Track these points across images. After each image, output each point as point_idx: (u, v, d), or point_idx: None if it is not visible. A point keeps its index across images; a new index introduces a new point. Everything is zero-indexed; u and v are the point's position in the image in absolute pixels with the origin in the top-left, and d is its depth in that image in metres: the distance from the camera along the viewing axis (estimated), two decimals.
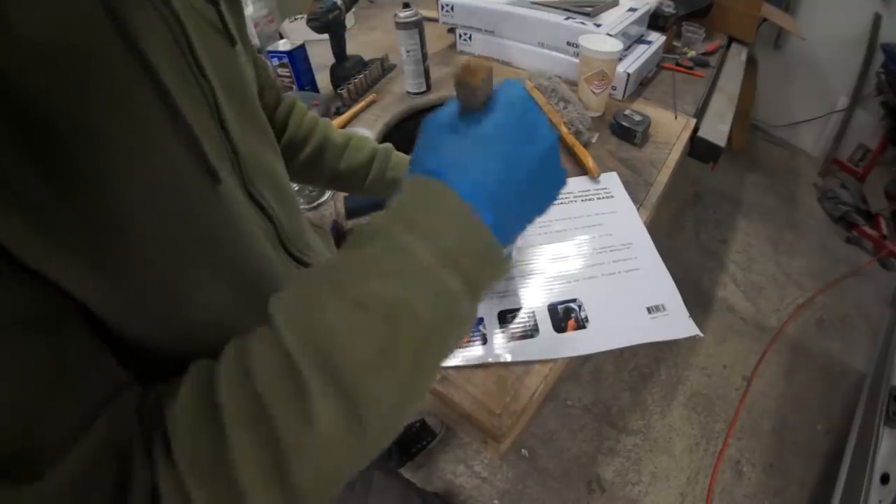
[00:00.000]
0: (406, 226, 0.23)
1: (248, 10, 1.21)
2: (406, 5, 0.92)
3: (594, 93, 0.90)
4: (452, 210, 0.24)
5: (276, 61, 0.98)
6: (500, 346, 0.55)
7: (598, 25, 0.94)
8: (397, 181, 0.60)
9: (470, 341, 0.56)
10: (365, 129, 0.88)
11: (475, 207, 0.24)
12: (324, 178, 0.60)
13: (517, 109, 0.27)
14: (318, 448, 0.21)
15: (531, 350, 0.55)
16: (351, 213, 0.71)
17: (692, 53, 1.14)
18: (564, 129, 0.84)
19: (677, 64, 1.10)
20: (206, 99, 0.29)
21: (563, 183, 0.29)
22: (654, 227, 0.70)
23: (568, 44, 0.97)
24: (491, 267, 0.25)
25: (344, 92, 0.98)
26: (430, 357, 0.24)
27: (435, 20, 1.15)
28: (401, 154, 0.63)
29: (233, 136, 0.32)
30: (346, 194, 0.72)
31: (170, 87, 0.23)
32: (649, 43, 1.04)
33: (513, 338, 0.56)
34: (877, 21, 1.83)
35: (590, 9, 0.98)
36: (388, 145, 0.62)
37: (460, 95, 0.27)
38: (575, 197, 0.74)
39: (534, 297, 0.60)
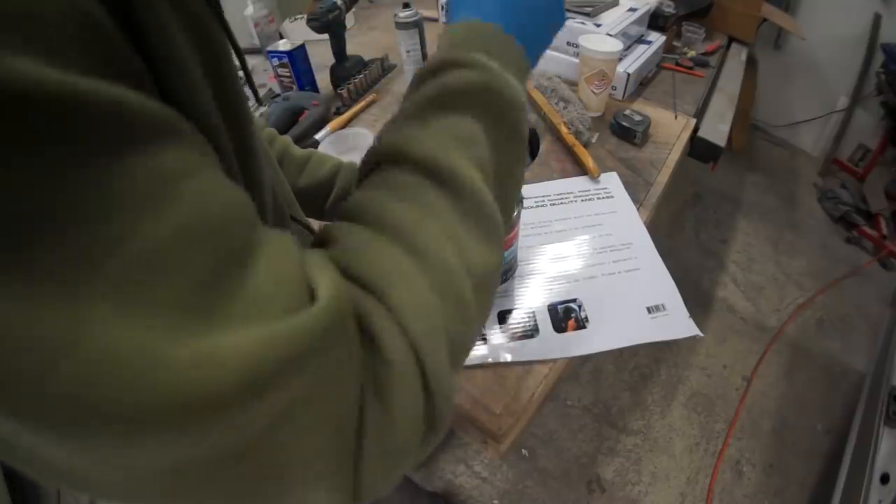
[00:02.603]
0: (477, 52, 0.27)
1: (248, 10, 1.21)
2: (406, 5, 0.92)
3: (594, 93, 0.90)
4: (495, 35, 0.29)
5: (276, 61, 0.98)
6: (500, 346, 0.55)
7: (598, 25, 0.94)
8: None
9: None
10: (365, 129, 0.88)
11: (512, 37, 0.29)
12: None
13: None
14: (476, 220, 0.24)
15: (531, 350, 0.55)
16: None
17: (692, 53, 1.14)
18: (564, 129, 0.84)
19: (677, 64, 1.10)
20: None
21: (563, 18, 0.36)
22: (654, 227, 0.70)
23: (568, 44, 0.97)
24: (526, 68, 0.31)
25: (344, 92, 0.98)
26: (518, 120, 0.28)
27: (435, 20, 1.15)
28: None
29: None
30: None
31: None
32: (649, 43, 1.04)
33: (513, 338, 0.56)
34: (877, 21, 1.83)
35: (590, 9, 0.98)
36: (354, 162, 0.58)
37: None
38: (575, 197, 0.75)
39: (534, 297, 0.60)
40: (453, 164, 0.23)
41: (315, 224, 0.45)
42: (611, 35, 0.90)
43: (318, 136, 0.89)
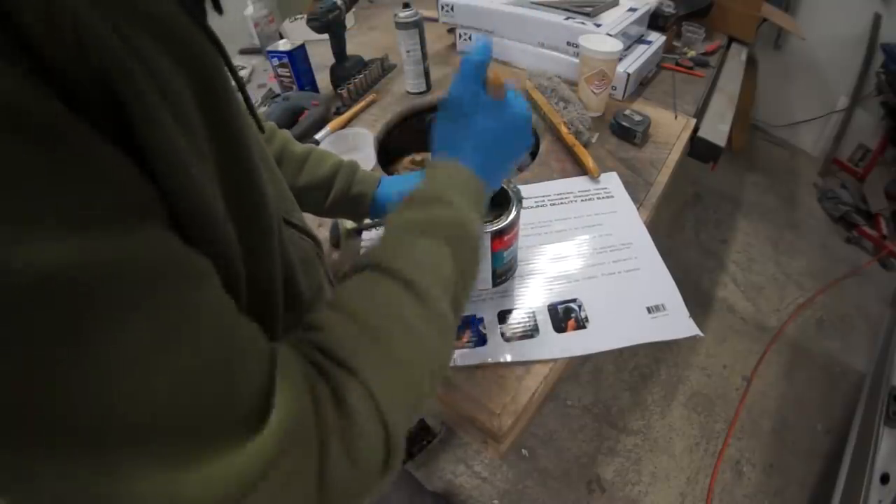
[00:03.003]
0: (453, 193, 0.36)
1: (248, 10, 1.21)
2: (406, 5, 0.92)
3: (594, 93, 0.90)
4: (468, 179, 0.38)
5: (276, 61, 0.98)
6: (500, 346, 0.55)
7: (598, 25, 0.94)
8: (364, 196, 0.57)
9: (470, 341, 0.56)
10: (365, 129, 0.88)
11: (480, 175, 0.39)
12: None
13: (514, 120, 0.42)
14: (443, 329, 0.31)
15: (531, 350, 0.55)
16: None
17: (692, 53, 1.14)
18: (564, 129, 0.84)
19: (677, 64, 1.10)
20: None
21: (528, 148, 0.46)
22: (654, 227, 0.70)
23: (568, 44, 0.97)
24: (484, 206, 0.40)
25: (344, 92, 0.98)
26: (477, 250, 0.36)
27: (435, 20, 1.15)
28: (367, 172, 0.59)
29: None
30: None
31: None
32: (649, 43, 1.04)
33: (513, 338, 0.56)
34: (877, 21, 1.83)
35: (590, 9, 0.98)
36: (354, 161, 0.59)
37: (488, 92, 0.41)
38: (575, 197, 0.74)
39: (534, 297, 0.60)
40: (425, 282, 0.30)
41: (314, 223, 0.45)
42: (611, 35, 0.90)
43: (317, 136, 0.89)
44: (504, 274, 0.60)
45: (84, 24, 0.16)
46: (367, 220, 0.64)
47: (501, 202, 0.54)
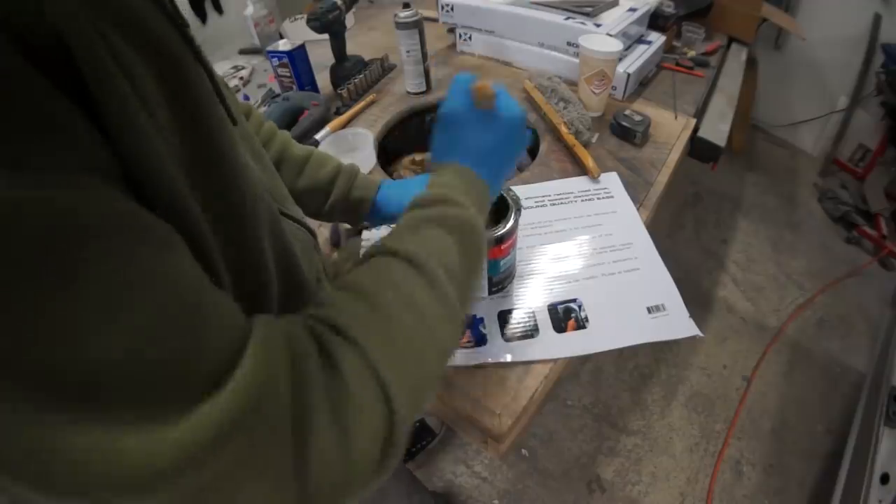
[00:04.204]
0: (459, 194, 0.37)
1: (248, 10, 1.21)
2: (406, 5, 0.92)
3: (594, 93, 0.90)
4: (472, 181, 0.40)
5: (276, 61, 0.98)
6: (500, 346, 0.55)
7: (598, 25, 0.94)
8: (364, 201, 0.57)
9: (470, 341, 0.56)
10: (365, 129, 0.88)
11: (482, 178, 0.41)
12: None
13: (507, 125, 0.43)
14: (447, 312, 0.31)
15: (531, 350, 0.55)
16: None
17: (692, 53, 1.14)
18: (564, 129, 0.84)
19: (677, 64, 1.10)
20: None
21: (524, 147, 0.48)
22: (654, 227, 0.70)
23: (568, 44, 0.97)
24: (488, 206, 0.42)
25: (344, 92, 0.98)
26: (482, 248, 0.38)
27: (435, 20, 1.15)
28: (367, 176, 0.59)
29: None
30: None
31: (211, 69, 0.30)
32: (649, 43, 1.04)
33: (513, 338, 0.56)
34: (877, 21, 1.83)
35: (590, 9, 0.98)
36: (354, 164, 0.59)
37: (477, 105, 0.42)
38: (575, 197, 0.74)
39: (534, 297, 0.60)
40: (432, 263, 0.31)
41: (311, 224, 0.46)
42: (611, 35, 0.90)
43: (318, 137, 0.89)
44: (501, 283, 0.59)
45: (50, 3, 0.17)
46: (367, 223, 0.64)
47: (500, 209, 0.53)
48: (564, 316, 0.58)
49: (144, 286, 0.19)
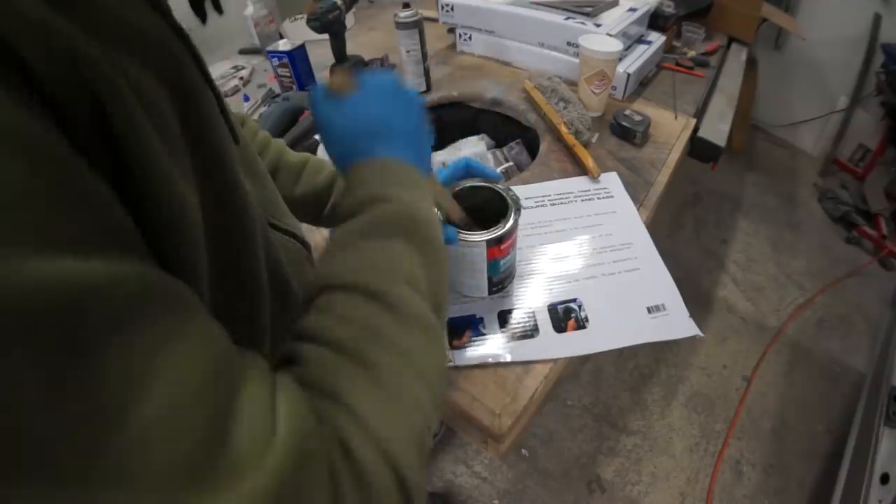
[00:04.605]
0: (382, 186, 0.34)
1: (248, 10, 1.21)
2: (406, 5, 0.92)
3: (594, 93, 0.90)
4: (388, 167, 0.36)
5: (276, 61, 0.98)
6: (500, 346, 0.55)
7: (598, 25, 0.94)
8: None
9: (470, 341, 0.56)
10: None
11: (404, 161, 0.37)
12: None
13: (378, 95, 0.39)
14: (431, 340, 0.28)
15: (531, 350, 0.55)
16: None
17: (692, 53, 1.14)
18: (564, 129, 0.84)
19: (677, 64, 1.10)
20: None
21: (415, 100, 0.41)
22: (654, 227, 0.70)
23: (568, 44, 0.97)
24: (427, 185, 0.38)
25: None
26: (432, 233, 0.34)
27: (435, 20, 1.15)
28: None
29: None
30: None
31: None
32: (649, 43, 1.03)
33: (513, 338, 0.56)
34: (877, 21, 1.83)
35: (590, 9, 0.98)
36: None
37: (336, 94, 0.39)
38: (575, 197, 0.74)
39: (534, 297, 0.60)
40: (385, 285, 0.27)
41: (307, 228, 0.45)
42: (611, 35, 0.90)
43: (317, 137, 0.89)
44: (501, 283, 0.59)
45: (82, 57, 0.17)
46: None
47: (499, 209, 0.53)
48: (564, 316, 0.58)
49: (177, 355, 0.18)
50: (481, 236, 0.50)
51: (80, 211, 0.16)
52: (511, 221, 0.52)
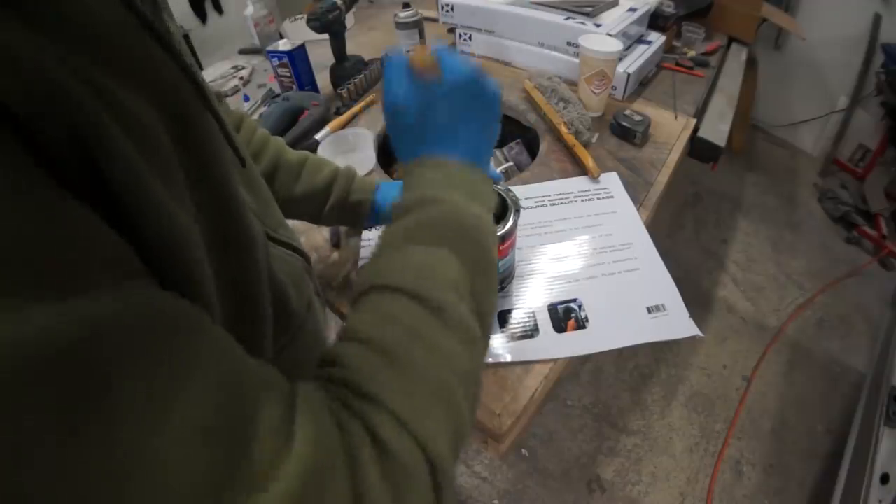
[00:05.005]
0: (437, 188, 0.33)
1: (248, 10, 1.21)
2: (406, 5, 0.92)
3: (594, 93, 0.90)
4: (449, 168, 0.35)
5: (276, 61, 0.98)
6: (500, 346, 0.55)
7: (598, 25, 0.94)
8: (363, 203, 0.57)
9: None
10: (365, 129, 0.88)
11: (466, 163, 0.36)
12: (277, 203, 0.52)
13: (462, 86, 0.36)
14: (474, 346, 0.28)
15: (531, 350, 0.55)
16: None
17: (692, 53, 1.14)
18: (564, 129, 0.84)
19: (677, 64, 1.10)
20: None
21: (496, 101, 0.38)
22: (654, 227, 0.70)
23: (568, 44, 0.97)
24: (486, 189, 0.37)
25: (344, 92, 0.98)
26: (483, 238, 0.33)
27: (435, 20, 1.15)
28: (365, 178, 0.59)
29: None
30: None
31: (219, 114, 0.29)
32: (649, 43, 1.03)
33: (513, 338, 0.56)
34: (877, 21, 1.83)
35: (590, 9, 0.98)
36: (351, 167, 0.59)
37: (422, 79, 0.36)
38: (575, 197, 0.75)
39: (534, 297, 0.60)
40: (431, 290, 0.27)
41: (308, 228, 0.45)
42: (611, 35, 0.90)
43: (317, 137, 0.89)
44: (500, 283, 0.59)
45: (56, 87, 0.16)
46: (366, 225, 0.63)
47: (499, 210, 0.53)
48: (564, 316, 0.58)
49: (195, 377, 0.18)
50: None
51: (72, 248, 0.16)
52: (511, 222, 0.52)
